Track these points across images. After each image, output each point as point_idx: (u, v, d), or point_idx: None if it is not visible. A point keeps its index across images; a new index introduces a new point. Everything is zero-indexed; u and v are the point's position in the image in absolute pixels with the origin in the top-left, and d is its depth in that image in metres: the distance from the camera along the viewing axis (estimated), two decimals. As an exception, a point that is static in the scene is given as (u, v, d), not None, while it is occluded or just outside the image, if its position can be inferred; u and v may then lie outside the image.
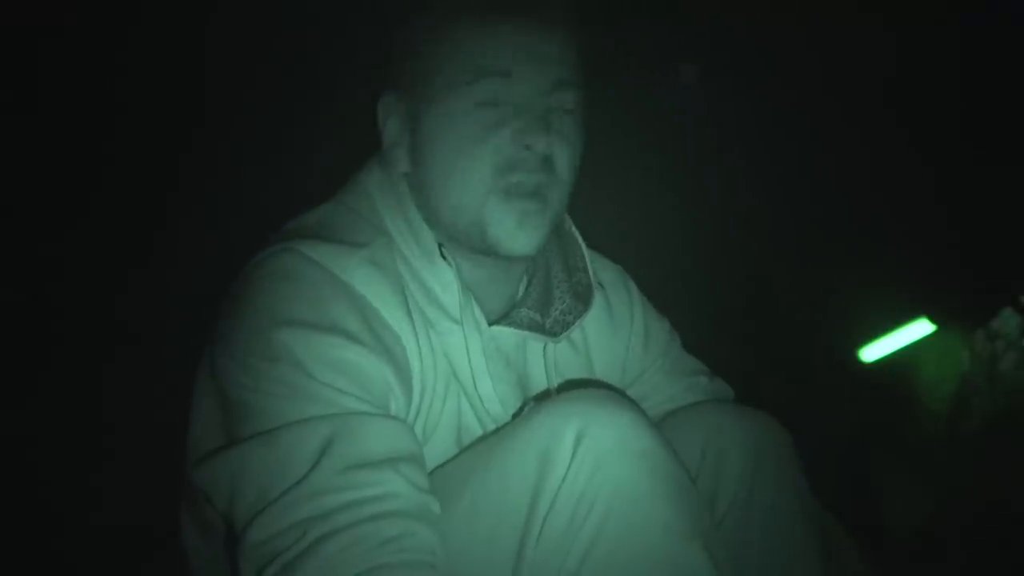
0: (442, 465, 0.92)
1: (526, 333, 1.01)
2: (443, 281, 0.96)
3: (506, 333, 1.01)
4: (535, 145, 0.92)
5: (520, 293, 1.06)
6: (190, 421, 0.96)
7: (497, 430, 0.95)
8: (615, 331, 1.14)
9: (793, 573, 0.95)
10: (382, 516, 0.79)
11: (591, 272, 1.07)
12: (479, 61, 0.92)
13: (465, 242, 0.97)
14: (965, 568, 1.76)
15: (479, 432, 0.98)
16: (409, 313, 0.92)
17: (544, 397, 1.01)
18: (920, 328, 2.41)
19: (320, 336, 0.85)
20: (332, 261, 0.89)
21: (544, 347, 1.05)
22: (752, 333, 2.27)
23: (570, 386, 1.05)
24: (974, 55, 2.02)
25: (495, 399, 0.97)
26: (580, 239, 1.08)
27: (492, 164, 0.93)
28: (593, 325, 1.11)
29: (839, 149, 2.27)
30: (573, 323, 1.04)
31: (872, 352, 2.50)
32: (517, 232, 0.94)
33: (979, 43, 2.00)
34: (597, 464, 0.79)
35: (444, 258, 0.96)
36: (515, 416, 0.99)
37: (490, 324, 1.00)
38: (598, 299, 1.07)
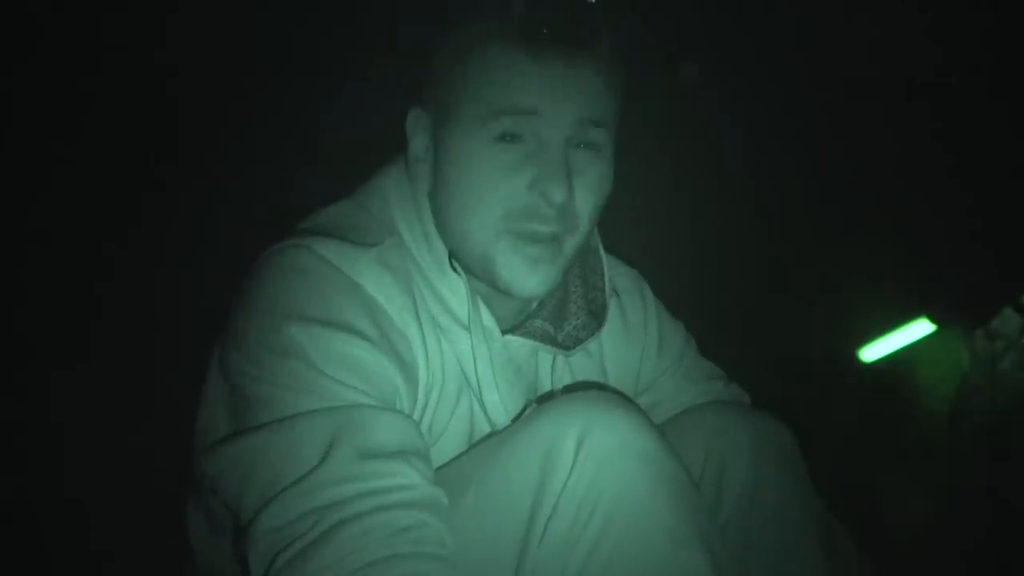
0: (445, 464, 0.92)
1: (538, 344, 1.01)
2: (454, 289, 0.96)
3: (518, 342, 1.01)
4: (552, 195, 0.89)
5: (535, 303, 1.05)
6: (199, 412, 0.97)
7: (499, 431, 0.95)
8: (629, 339, 1.14)
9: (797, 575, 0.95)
10: (396, 506, 0.79)
11: (608, 291, 1.06)
12: (504, 97, 0.89)
13: (474, 274, 0.96)
14: (965, 568, 1.76)
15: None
16: (417, 315, 0.93)
17: (546, 399, 1.01)
18: (920, 328, 2.40)
19: (328, 332, 0.85)
20: (341, 259, 0.90)
21: (553, 359, 1.05)
22: (753, 333, 2.27)
23: (575, 387, 1.05)
24: (974, 56, 2.02)
25: (500, 409, 0.98)
26: (603, 259, 1.07)
27: (505, 209, 0.91)
28: (608, 334, 1.10)
29: (840, 150, 2.27)
30: (586, 339, 1.04)
31: (872, 352, 2.49)
32: (527, 277, 0.93)
33: (978, 43, 2.01)
34: (599, 467, 0.79)
35: (454, 269, 0.96)
36: (517, 418, 0.99)
37: (504, 332, 1.00)
38: (613, 307, 1.07)
